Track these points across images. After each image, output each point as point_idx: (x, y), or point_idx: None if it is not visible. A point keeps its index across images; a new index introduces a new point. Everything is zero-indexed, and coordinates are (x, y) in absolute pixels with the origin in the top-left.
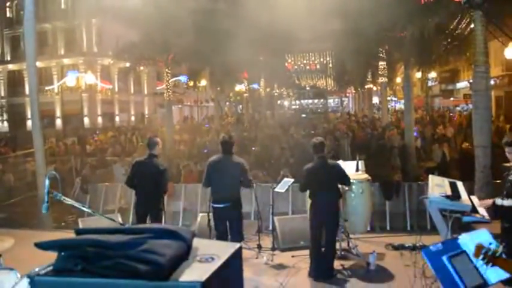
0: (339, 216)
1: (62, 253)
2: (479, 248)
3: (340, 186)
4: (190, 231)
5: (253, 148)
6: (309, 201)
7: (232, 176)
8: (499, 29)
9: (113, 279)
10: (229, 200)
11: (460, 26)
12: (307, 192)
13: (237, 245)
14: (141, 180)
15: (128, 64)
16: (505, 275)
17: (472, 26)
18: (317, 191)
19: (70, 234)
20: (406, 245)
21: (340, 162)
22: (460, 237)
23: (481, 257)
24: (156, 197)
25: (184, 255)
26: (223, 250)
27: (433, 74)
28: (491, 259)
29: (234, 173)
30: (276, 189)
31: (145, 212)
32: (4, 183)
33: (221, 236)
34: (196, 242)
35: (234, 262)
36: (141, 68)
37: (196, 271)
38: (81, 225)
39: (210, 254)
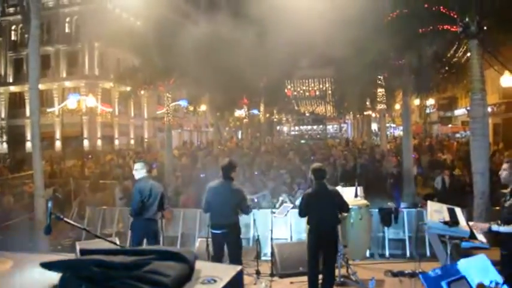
0: (338, 243)
1: (66, 273)
2: (480, 286)
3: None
4: (192, 253)
5: (255, 173)
6: (308, 227)
7: (231, 202)
8: (494, 58)
9: None
10: (227, 226)
11: (457, 54)
12: (306, 217)
13: (239, 268)
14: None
15: (128, 88)
16: None
17: (469, 54)
18: (316, 216)
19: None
20: (406, 272)
21: (339, 188)
22: (459, 262)
23: None
24: (154, 218)
25: (187, 276)
26: (225, 272)
27: (431, 101)
28: None
29: (233, 199)
30: (276, 215)
31: (143, 238)
32: (3, 205)
33: (217, 262)
34: (199, 264)
35: (236, 285)
36: (142, 92)
37: None
38: (78, 249)
39: (212, 276)
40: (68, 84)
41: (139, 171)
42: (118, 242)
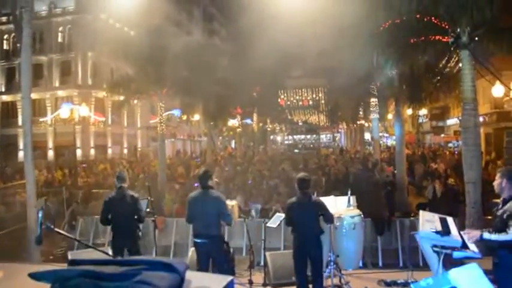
0: (322, 252)
1: (56, 284)
2: None
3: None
4: (183, 263)
5: (249, 182)
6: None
7: (210, 211)
8: (485, 68)
9: None
10: (207, 236)
11: (449, 65)
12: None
13: (230, 278)
14: (115, 214)
15: (122, 97)
16: None
17: (461, 64)
18: (298, 225)
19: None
20: (399, 281)
21: (332, 197)
22: (450, 272)
23: None
24: (134, 227)
25: (178, 287)
26: (216, 282)
27: (423, 111)
28: None
29: (212, 208)
30: (268, 224)
31: (122, 246)
32: None
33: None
34: (190, 275)
35: None
36: (135, 101)
37: None
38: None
39: (203, 286)
40: (61, 93)
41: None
42: (111, 252)
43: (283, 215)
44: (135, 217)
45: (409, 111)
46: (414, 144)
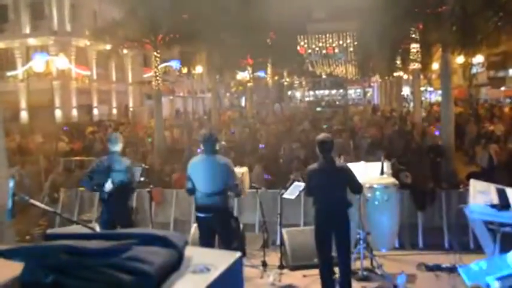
0: (350, 229)
1: (30, 263)
2: None
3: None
4: (182, 237)
5: (260, 146)
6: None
7: (216, 179)
8: None
9: None
10: (213, 209)
11: None
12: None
13: (237, 254)
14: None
15: (108, 46)
16: None
17: None
18: (320, 196)
19: None
20: (443, 266)
21: (362, 164)
22: (509, 254)
23: None
24: (124, 202)
25: (175, 264)
26: (221, 260)
27: (478, 59)
28: None
29: (218, 175)
30: (285, 196)
31: (113, 221)
32: None
33: None
34: (190, 251)
35: (234, 274)
36: (125, 51)
37: (188, 283)
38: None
39: (206, 264)
40: (33, 41)
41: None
42: (98, 229)
43: (302, 185)
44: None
45: (460, 59)
46: (465, 100)
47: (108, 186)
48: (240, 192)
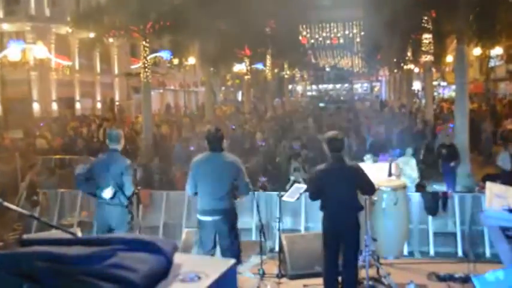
0: (360, 234)
1: (2, 271)
2: None
3: (365, 197)
4: (171, 243)
5: (260, 143)
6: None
7: (224, 179)
8: None
9: None
10: (219, 211)
11: None
12: (320, 202)
13: (231, 262)
14: (102, 181)
15: (92, 34)
16: None
17: None
18: (330, 199)
19: None
20: (456, 276)
21: (368, 164)
22: None
23: None
24: (123, 206)
25: (163, 272)
26: (213, 267)
27: (497, 51)
28: None
29: (226, 175)
30: (285, 198)
31: (110, 226)
32: None
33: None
34: (179, 257)
35: (227, 283)
36: (110, 40)
37: None
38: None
39: (196, 272)
40: (7, 27)
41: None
42: (80, 235)
43: (303, 187)
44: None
45: (477, 51)
46: (482, 95)
47: (108, 193)
48: (248, 193)
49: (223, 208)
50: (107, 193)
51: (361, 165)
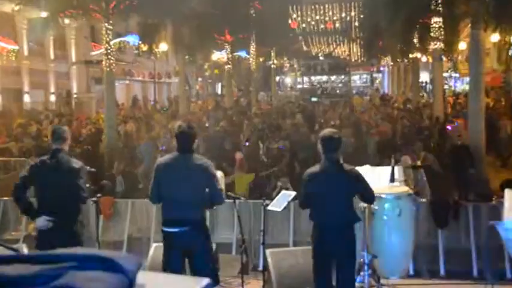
0: (356, 251)
1: None
2: None
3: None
4: (134, 259)
5: (246, 143)
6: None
7: (193, 184)
8: None
9: None
10: (188, 222)
11: None
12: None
13: (205, 282)
14: (43, 189)
15: (44, 14)
16: None
17: None
18: (322, 208)
19: None
20: None
21: (367, 168)
22: None
23: None
24: (70, 214)
25: None
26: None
27: None
28: None
29: (196, 180)
30: (270, 207)
31: (52, 241)
32: None
33: None
34: (144, 276)
35: None
36: (66, 21)
37: None
38: None
39: None
40: None
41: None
42: (26, 252)
43: (292, 194)
44: (75, 196)
45: (495, 38)
46: (500, 89)
47: (41, 223)
48: (222, 201)
49: (192, 218)
50: (40, 223)
51: (361, 168)
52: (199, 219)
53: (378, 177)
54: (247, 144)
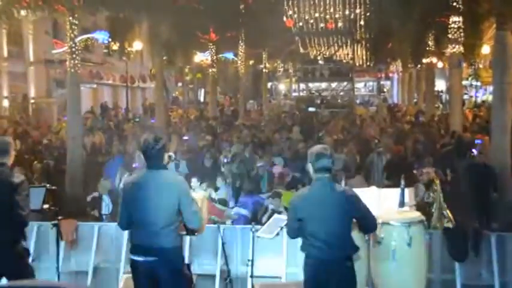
0: (355, 285)
1: None
2: None
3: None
4: None
5: (225, 160)
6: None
7: (163, 205)
8: None
9: None
10: (158, 251)
11: None
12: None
13: None
14: None
15: None
16: None
17: None
18: (314, 237)
19: None
20: None
21: (373, 189)
22: None
23: None
24: (10, 235)
25: None
26: None
27: None
28: None
29: (167, 200)
30: (260, 234)
31: None
32: None
33: None
34: None
35: None
36: (23, 13)
37: None
38: None
39: None
40: None
41: None
42: None
43: (284, 219)
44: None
45: None
46: None
47: None
48: (198, 228)
49: (163, 246)
50: None
51: (366, 191)
52: (170, 248)
53: (386, 201)
54: (228, 161)
